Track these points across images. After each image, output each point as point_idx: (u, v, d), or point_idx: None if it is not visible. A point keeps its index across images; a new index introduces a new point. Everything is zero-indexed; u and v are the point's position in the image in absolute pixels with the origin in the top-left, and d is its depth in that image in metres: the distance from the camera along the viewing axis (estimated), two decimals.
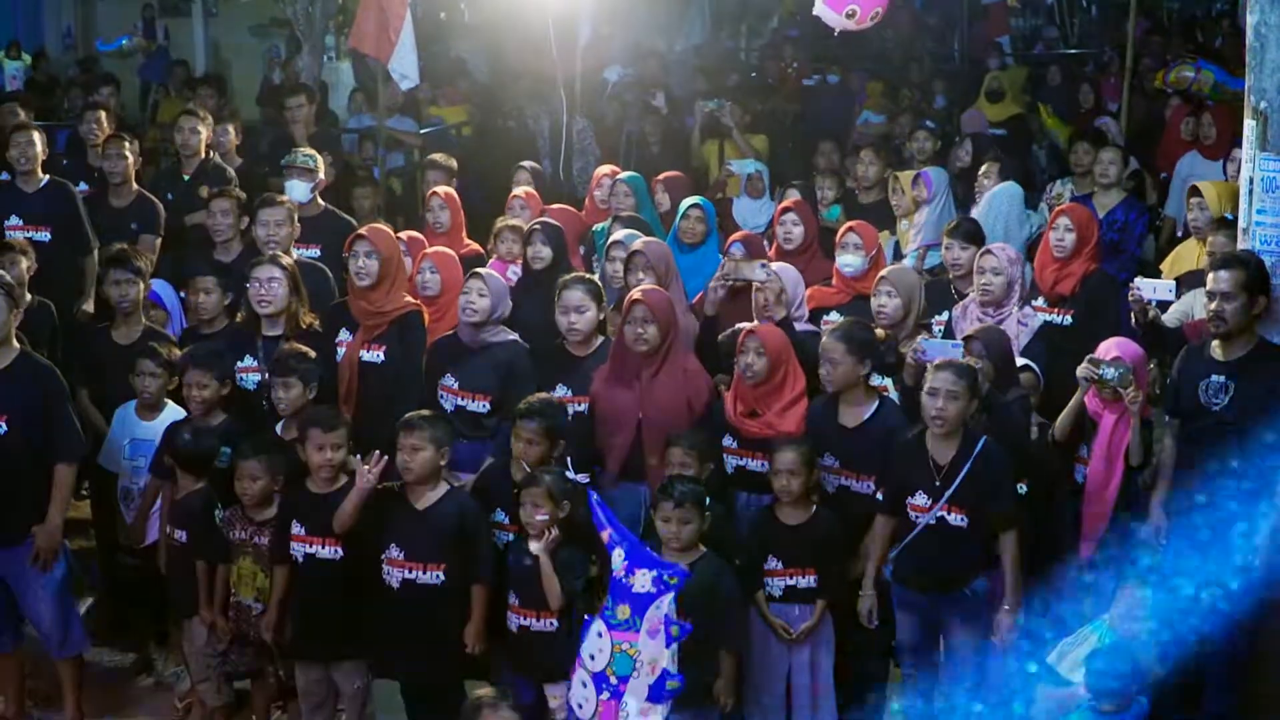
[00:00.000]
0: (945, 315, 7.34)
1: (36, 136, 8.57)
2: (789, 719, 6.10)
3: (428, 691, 6.11)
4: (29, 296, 7.41)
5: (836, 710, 6.11)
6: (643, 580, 4.81)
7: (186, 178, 9.22)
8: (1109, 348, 6.23)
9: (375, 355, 6.99)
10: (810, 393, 6.39)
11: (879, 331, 6.62)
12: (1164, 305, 6.99)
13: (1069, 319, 7.29)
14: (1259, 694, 6.02)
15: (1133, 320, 6.80)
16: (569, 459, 6.01)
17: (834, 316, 7.19)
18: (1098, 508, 6.24)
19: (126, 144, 8.90)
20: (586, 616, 5.04)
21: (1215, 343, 6.16)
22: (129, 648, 7.28)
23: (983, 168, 9.47)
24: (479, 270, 7.00)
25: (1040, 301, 7.37)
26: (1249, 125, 6.17)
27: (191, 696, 6.64)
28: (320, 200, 8.67)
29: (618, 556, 4.85)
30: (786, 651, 6.05)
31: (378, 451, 5.90)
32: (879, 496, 6.07)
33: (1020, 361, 6.61)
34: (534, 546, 5.73)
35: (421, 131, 13.34)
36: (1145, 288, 6.80)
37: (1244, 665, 6.03)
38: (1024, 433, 6.34)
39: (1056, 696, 5.62)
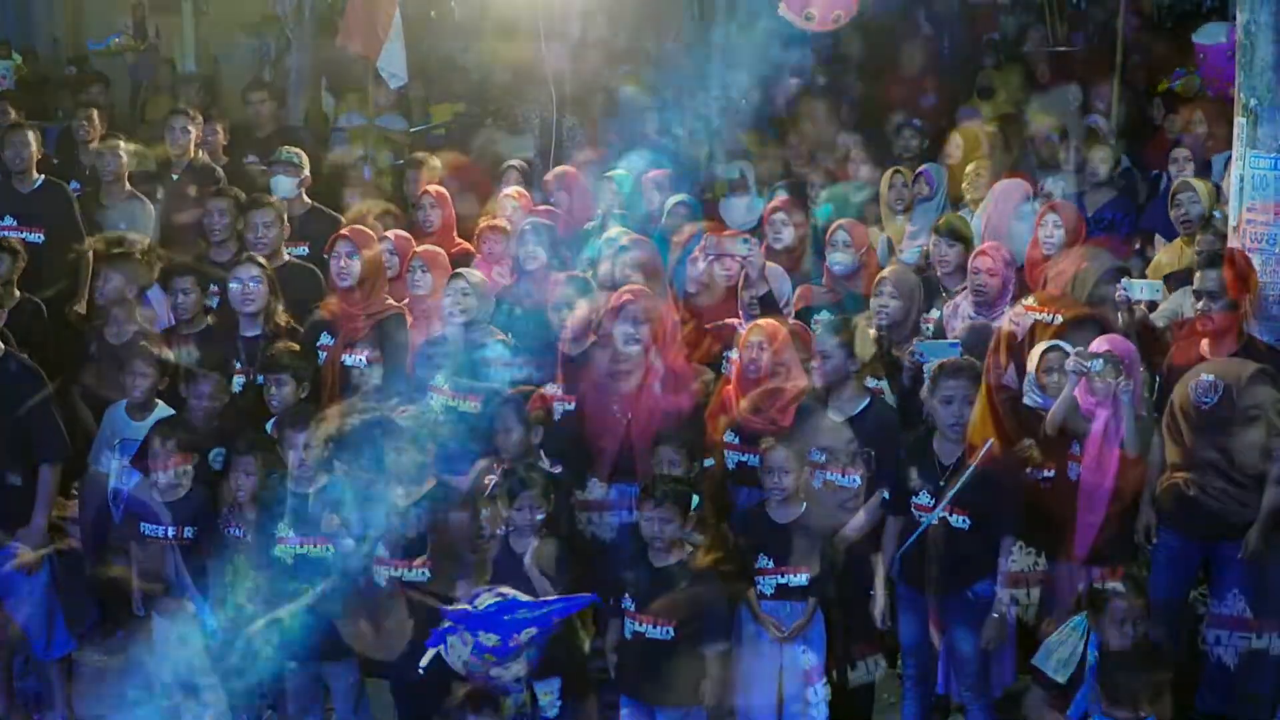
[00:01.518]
0: (935, 313, 7.33)
1: (31, 136, 8.55)
2: (780, 717, 6.10)
3: (417, 689, 6.10)
4: (18, 294, 7.41)
5: (827, 709, 6.10)
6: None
7: (175, 177, 9.20)
8: (1101, 343, 6.23)
9: (357, 359, 6.97)
10: None
11: (871, 331, 6.62)
12: (1152, 306, 6.99)
13: (1059, 318, 7.26)
14: (1250, 692, 6.04)
15: (1120, 320, 6.79)
16: (541, 451, 6.02)
17: (824, 315, 7.19)
18: (1091, 505, 6.24)
19: (121, 143, 8.89)
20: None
21: (1204, 341, 6.16)
22: (118, 648, 7.27)
23: (970, 166, 9.44)
24: (460, 270, 6.98)
25: (1030, 301, 7.34)
26: (1239, 123, 6.20)
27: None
28: (306, 198, 8.66)
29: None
30: (778, 650, 6.04)
31: None
32: (884, 495, 6.08)
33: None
34: (529, 550, 5.76)
35: (411, 130, 13.30)
36: (1133, 288, 6.78)
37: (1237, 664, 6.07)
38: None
39: None
